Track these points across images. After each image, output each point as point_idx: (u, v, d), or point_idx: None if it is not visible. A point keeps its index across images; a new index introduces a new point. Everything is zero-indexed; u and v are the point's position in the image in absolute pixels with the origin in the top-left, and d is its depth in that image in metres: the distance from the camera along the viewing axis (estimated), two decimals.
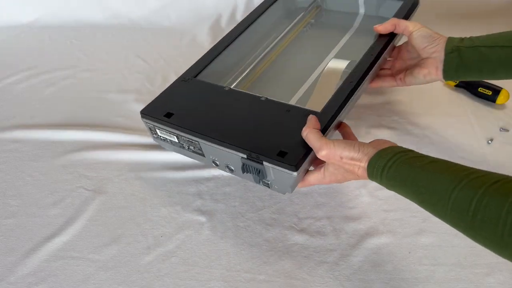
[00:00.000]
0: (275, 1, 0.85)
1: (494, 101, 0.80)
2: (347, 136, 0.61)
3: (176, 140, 0.63)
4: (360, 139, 0.63)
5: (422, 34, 0.66)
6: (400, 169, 0.46)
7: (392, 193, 0.50)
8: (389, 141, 0.52)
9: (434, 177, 0.43)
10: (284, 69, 0.79)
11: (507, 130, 0.75)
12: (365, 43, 0.72)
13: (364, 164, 0.50)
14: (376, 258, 0.57)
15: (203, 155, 0.62)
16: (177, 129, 0.61)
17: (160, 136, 0.65)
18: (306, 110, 0.60)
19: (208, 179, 0.69)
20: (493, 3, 1.09)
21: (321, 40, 0.85)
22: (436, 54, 0.65)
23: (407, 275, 0.55)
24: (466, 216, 0.39)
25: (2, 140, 0.79)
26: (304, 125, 0.55)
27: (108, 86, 0.93)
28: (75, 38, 1.11)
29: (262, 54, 0.80)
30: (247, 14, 0.82)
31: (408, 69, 0.70)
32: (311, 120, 0.56)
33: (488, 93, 0.80)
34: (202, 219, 0.63)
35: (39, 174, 0.72)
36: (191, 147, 0.63)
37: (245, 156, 0.56)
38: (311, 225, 0.62)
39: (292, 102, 0.70)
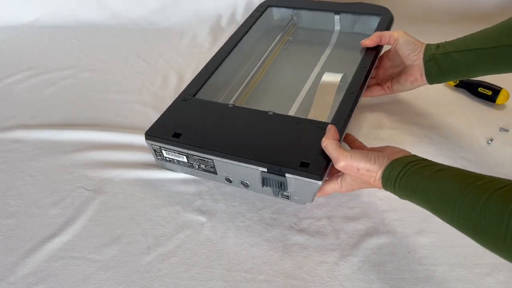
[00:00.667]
0: (255, 21, 0.88)
1: (494, 101, 0.80)
2: (353, 143, 0.62)
3: (185, 160, 0.63)
4: (360, 139, 0.64)
5: (405, 41, 0.68)
6: (410, 179, 0.47)
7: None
8: (403, 150, 0.53)
9: (441, 185, 0.44)
10: (275, 84, 0.82)
11: (507, 130, 0.75)
12: (346, 57, 0.77)
13: (379, 175, 0.50)
14: (376, 258, 0.57)
15: (215, 173, 0.62)
16: (188, 149, 0.61)
17: (166, 158, 0.65)
18: (317, 122, 0.61)
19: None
20: (489, 5, 1.09)
21: (302, 55, 0.89)
22: (418, 61, 0.68)
23: (407, 275, 0.55)
24: (471, 222, 0.40)
25: (2, 140, 0.79)
26: (317, 136, 0.56)
27: (108, 86, 0.93)
28: (75, 38, 1.11)
29: (253, 71, 0.82)
30: (232, 34, 0.85)
31: (393, 77, 0.73)
32: (331, 130, 0.57)
33: (488, 93, 0.80)
34: (202, 219, 0.63)
35: (39, 174, 0.72)
36: (202, 166, 0.62)
37: (265, 169, 0.56)
38: (311, 225, 0.62)
39: (291, 114, 0.72)
